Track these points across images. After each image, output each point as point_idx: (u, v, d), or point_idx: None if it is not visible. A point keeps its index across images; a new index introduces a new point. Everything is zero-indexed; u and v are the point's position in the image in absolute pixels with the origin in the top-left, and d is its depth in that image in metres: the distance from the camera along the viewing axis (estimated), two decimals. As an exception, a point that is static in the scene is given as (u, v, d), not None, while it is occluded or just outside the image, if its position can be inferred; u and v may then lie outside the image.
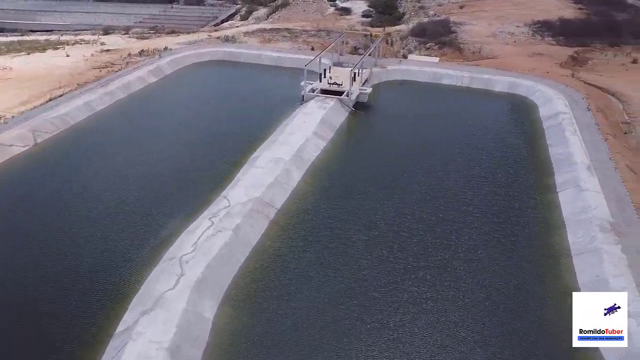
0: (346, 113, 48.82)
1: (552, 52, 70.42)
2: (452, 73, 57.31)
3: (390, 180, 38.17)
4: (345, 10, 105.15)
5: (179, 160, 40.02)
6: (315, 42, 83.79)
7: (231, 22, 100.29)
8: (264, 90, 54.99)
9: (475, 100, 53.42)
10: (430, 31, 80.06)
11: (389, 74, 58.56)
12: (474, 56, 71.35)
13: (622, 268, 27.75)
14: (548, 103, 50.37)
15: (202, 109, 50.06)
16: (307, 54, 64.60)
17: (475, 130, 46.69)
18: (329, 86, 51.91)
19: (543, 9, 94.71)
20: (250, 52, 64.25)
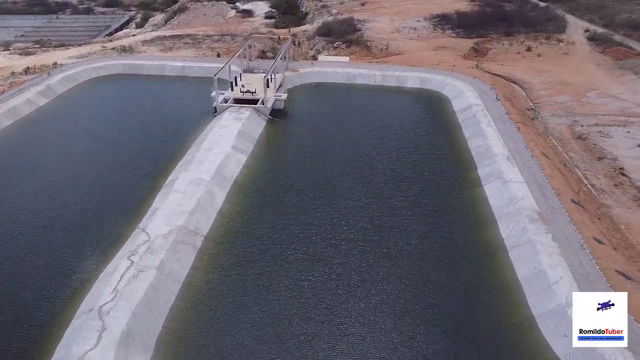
0: (263, 122, 46.61)
1: (454, 45, 72.73)
2: (365, 72, 56.98)
3: (318, 189, 36.66)
4: (247, 12, 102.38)
5: (85, 192, 35.74)
6: (220, 47, 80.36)
7: (126, 31, 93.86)
8: (172, 104, 51.21)
9: (389, 98, 53.41)
10: (336, 30, 79.75)
11: (303, 77, 57.07)
12: (382, 53, 71.93)
13: (557, 258, 28.25)
14: (460, 96, 51.47)
15: (104, 130, 45.48)
16: (214, 62, 61.44)
17: (394, 129, 46.48)
18: (242, 95, 49.37)
19: (439, 3, 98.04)
20: (152, 64, 59.83)
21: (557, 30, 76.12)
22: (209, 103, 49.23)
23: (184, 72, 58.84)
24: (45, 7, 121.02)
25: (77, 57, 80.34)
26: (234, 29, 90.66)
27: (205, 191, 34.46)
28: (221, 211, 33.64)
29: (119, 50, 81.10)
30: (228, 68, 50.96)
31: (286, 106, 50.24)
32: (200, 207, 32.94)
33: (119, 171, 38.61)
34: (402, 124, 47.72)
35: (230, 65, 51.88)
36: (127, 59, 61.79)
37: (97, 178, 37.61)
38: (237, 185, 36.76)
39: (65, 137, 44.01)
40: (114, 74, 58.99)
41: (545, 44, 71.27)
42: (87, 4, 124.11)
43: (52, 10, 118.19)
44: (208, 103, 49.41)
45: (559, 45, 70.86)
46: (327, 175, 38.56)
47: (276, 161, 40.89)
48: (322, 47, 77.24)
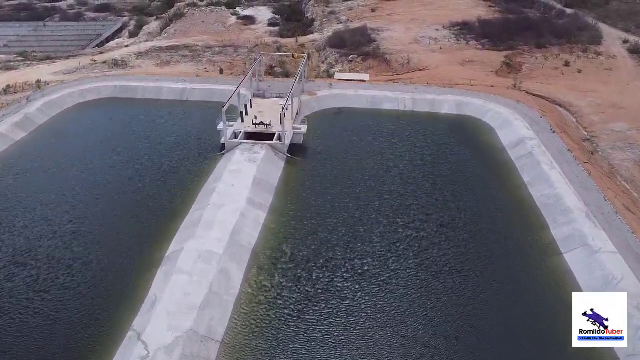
0: (282, 163, 38.65)
1: (482, 58, 64.94)
2: (392, 96, 49.00)
3: (358, 257, 28.97)
4: (248, 19, 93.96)
5: (58, 269, 27.61)
6: (223, 61, 71.98)
7: (119, 41, 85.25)
8: (172, 138, 42.72)
9: (423, 127, 45.47)
10: (349, 41, 71.65)
11: (321, 101, 49.02)
12: (403, 69, 64.05)
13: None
14: (506, 126, 43.71)
15: (88, 177, 36.90)
16: (218, 82, 53.11)
17: (434, 170, 38.58)
18: (254, 128, 41.39)
19: (455, 9, 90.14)
20: (147, 86, 51.41)
21: (592, 41, 68.41)
22: (215, 135, 41.21)
23: (184, 96, 50.57)
24: (32, 12, 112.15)
25: (64, 72, 71.90)
26: (236, 39, 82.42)
27: (218, 270, 26.48)
28: (240, 300, 25.65)
29: (110, 65, 72.71)
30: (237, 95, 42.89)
31: (305, 139, 42.33)
32: (214, 297, 24.96)
33: (106, 236, 30.58)
34: (443, 162, 39.87)
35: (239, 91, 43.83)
36: (119, 80, 53.41)
37: (76, 245, 29.53)
38: (257, 256, 28.80)
39: (38, 189, 35.16)
40: (103, 97, 50.55)
41: (583, 57, 63.56)
42: (77, 9, 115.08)
43: (39, 16, 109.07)
44: (214, 135, 41.38)
45: (598, 59, 63.19)
46: (366, 237, 30.69)
47: (302, 217, 32.84)
48: (335, 60, 69.17)
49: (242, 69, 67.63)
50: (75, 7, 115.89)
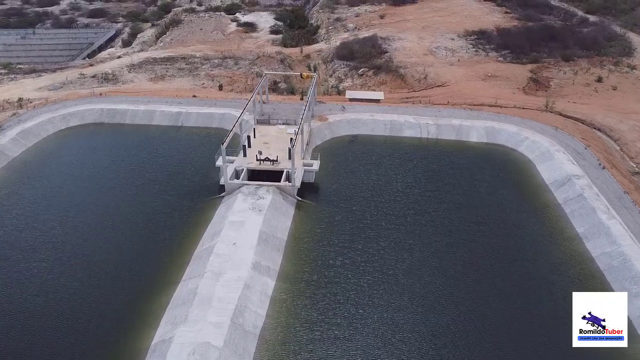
0: (292, 209, 32.65)
1: (505, 72, 58.92)
2: (413, 121, 42.93)
3: (398, 343, 23.17)
4: (249, 26, 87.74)
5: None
6: (222, 76, 65.36)
7: (111, 51, 78.97)
8: (163, 174, 36.29)
9: (450, 159, 39.36)
10: (359, 52, 65.44)
11: (333, 127, 42.91)
12: (420, 85, 58.03)
13: None
14: (547, 158, 37.72)
15: (59, 230, 30.29)
16: (217, 105, 46.50)
17: (473, 215, 32.35)
18: (259, 164, 35.48)
19: (468, 15, 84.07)
20: (137, 109, 45.13)
21: (623, 52, 62.42)
22: (214, 171, 35.17)
23: (179, 121, 44.36)
24: (22, 17, 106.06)
25: (49, 88, 65.63)
26: (236, 48, 76.26)
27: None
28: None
29: (100, 79, 66.38)
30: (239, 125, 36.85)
31: (317, 174, 36.37)
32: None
33: (78, 318, 24.48)
34: (478, 205, 33.77)
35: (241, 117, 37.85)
36: (106, 102, 47.14)
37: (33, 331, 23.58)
38: (265, 344, 22.94)
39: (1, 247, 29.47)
40: (88, 123, 44.29)
41: (616, 71, 57.53)
42: (70, 14, 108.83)
43: (30, 21, 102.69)
44: (212, 171, 35.35)
45: (633, 73, 57.14)
46: (400, 306, 24.92)
47: (318, 283, 26.77)
48: (344, 74, 63.15)
49: (244, 85, 61.63)
50: (68, 12, 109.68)
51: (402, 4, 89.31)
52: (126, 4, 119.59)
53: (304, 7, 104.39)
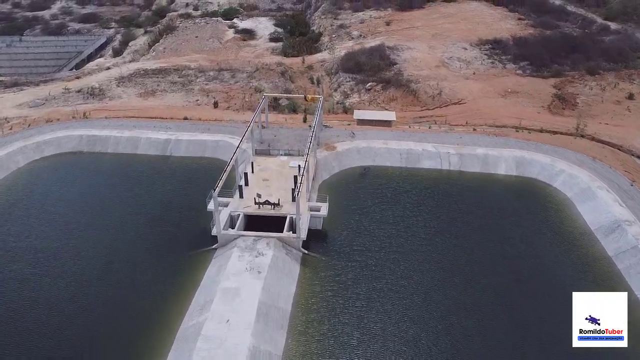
0: (296, 267, 27.31)
1: (526, 87, 53.52)
2: (432, 150, 37.61)
3: None
4: (248, 33, 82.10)
5: None
6: (218, 91, 59.48)
7: (100, 61, 73.31)
8: (145, 217, 30.79)
9: (478, 197, 33.81)
10: (365, 65, 59.95)
11: (342, 158, 37.54)
12: (434, 102, 52.65)
13: None
14: (588, 198, 32.44)
15: (16, 304, 25.50)
16: (210, 131, 40.34)
17: (511, 273, 27.19)
18: (257, 208, 30.24)
19: (480, 21, 78.62)
20: (121, 136, 39.64)
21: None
22: (204, 215, 29.87)
23: (168, 149, 38.94)
24: (11, 22, 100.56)
25: (30, 104, 59.78)
26: (234, 58, 70.88)
27: None
28: None
29: (86, 94, 60.71)
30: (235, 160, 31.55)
31: (326, 217, 31.09)
32: None
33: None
34: (515, 258, 28.52)
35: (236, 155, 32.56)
36: (86, 127, 41.54)
37: None
38: None
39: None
40: (65, 152, 38.80)
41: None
42: (61, 19, 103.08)
43: (19, 26, 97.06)
44: (202, 214, 30.07)
45: (666, 88, 52.04)
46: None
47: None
48: (350, 88, 57.76)
49: (241, 102, 55.99)
50: (58, 17, 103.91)
51: (409, 9, 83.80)
52: (120, 8, 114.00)
53: (304, 11, 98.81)
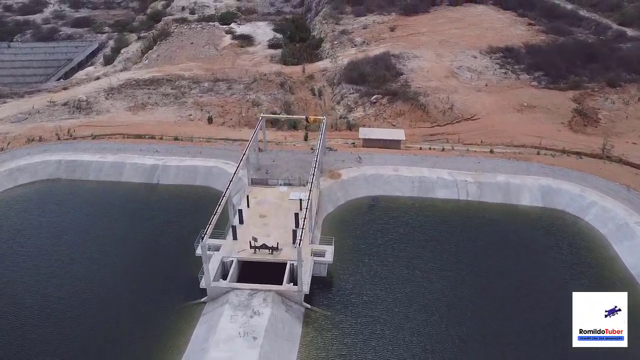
0: (298, 326, 23.29)
1: (544, 102, 49.50)
2: (448, 177, 33.64)
3: None
4: (245, 39, 77.94)
5: None
6: (213, 104, 54.71)
7: (90, 70, 69.07)
8: (124, 259, 26.82)
9: (501, 233, 29.67)
10: (370, 75, 56.01)
11: (348, 187, 33.49)
12: (445, 117, 48.61)
13: None
14: (627, 236, 28.25)
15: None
16: (202, 152, 36.71)
17: (548, 333, 23.78)
18: (253, 252, 26.29)
19: (489, 27, 74.56)
20: (103, 161, 35.39)
21: (676, 75, 53.33)
22: (192, 260, 25.95)
23: (155, 176, 34.79)
24: (1, 26, 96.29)
25: (12, 119, 55.00)
26: (230, 67, 66.79)
27: None
28: None
29: (72, 108, 56.59)
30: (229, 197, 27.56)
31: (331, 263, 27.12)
32: None
33: None
34: (552, 310, 24.86)
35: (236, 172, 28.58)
36: (65, 151, 37.26)
37: None
38: None
39: None
40: (41, 180, 34.88)
41: (674, 100, 48.47)
42: (53, 23, 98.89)
43: (9, 31, 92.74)
44: (190, 258, 26.14)
45: (694, 102, 48.11)
46: None
47: None
48: (354, 101, 53.73)
49: (237, 117, 51.75)
50: (50, 21, 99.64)
51: (414, 13, 79.76)
52: (114, 12, 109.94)
53: (305, 15, 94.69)
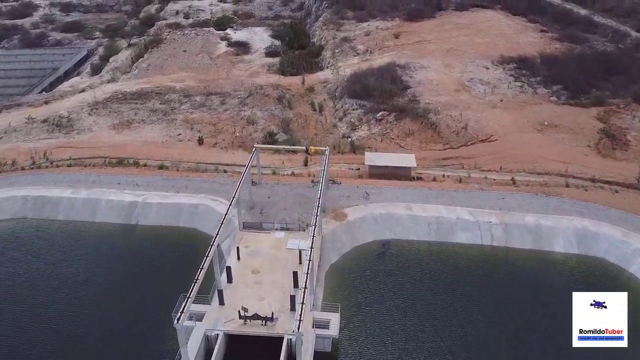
0: None
1: (566, 120, 44.69)
2: (469, 218, 29.03)
3: None
4: (242, 46, 73.00)
5: None
6: (204, 121, 48.35)
7: (75, 81, 64.00)
8: (87, 328, 22.36)
9: (533, 288, 25.13)
10: (375, 89, 51.48)
11: (354, 230, 28.71)
12: (458, 138, 43.83)
13: None
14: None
15: None
16: (188, 186, 31.93)
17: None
18: (244, 324, 21.78)
19: (499, 34, 69.72)
20: (76, 197, 30.53)
21: None
22: (170, 330, 21.42)
23: (133, 216, 29.98)
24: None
25: (-16, 139, 51.62)
26: (224, 78, 61.92)
27: None
28: None
29: (52, 125, 51.76)
30: (215, 252, 22.96)
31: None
32: None
33: None
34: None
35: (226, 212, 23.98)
36: (33, 186, 32.09)
37: None
38: None
39: None
40: (5, 219, 30.31)
41: None
42: (42, 27, 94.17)
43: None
44: (168, 328, 21.61)
45: None
46: None
47: None
48: (358, 118, 49.02)
49: (230, 137, 46.62)
50: (40, 26, 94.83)
51: (419, 19, 74.93)
52: (107, 15, 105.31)
53: (304, 20, 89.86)
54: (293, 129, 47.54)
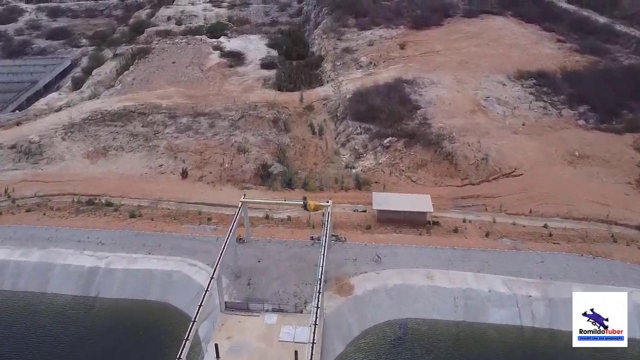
0: None
1: (599, 149, 38.84)
2: (504, 290, 23.21)
3: None
4: (235, 57, 66.83)
5: None
6: (189, 150, 41.20)
7: (52, 98, 57.46)
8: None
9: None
10: (382, 112, 45.84)
11: (363, 308, 22.82)
12: (478, 172, 38.18)
13: None
14: None
15: None
16: (161, 245, 25.81)
17: None
18: None
19: (513, 44, 63.64)
20: (25, 261, 24.54)
21: None
22: None
23: (92, 286, 23.94)
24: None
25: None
26: (215, 93, 55.97)
27: None
28: None
29: (20, 152, 45.30)
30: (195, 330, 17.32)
31: None
32: None
33: None
34: None
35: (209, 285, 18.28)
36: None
37: None
38: None
39: None
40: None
41: None
42: (27, 34, 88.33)
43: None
44: None
45: None
46: None
47: None
48: (363, 144, 43.17)
49: (218, 169, 40.25)
50: (24, 32, 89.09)
51: (425, 27, 69.02)
52: (96, 21, 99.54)
53: (303, 26, 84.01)
54: (290, 157, 41.85)
